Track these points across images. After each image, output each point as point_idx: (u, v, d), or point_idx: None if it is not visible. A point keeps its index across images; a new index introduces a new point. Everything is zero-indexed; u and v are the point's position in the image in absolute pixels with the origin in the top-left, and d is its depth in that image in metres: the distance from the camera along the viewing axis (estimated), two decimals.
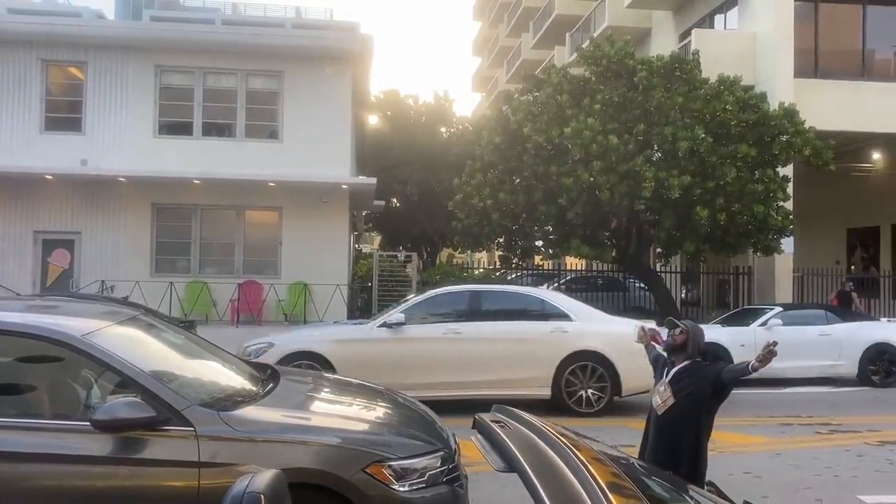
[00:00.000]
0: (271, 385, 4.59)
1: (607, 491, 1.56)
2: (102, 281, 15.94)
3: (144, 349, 4.43)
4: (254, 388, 4.49)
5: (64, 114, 16.96)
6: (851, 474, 7.05)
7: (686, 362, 4.52)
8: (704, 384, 4.41)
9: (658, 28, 23.79)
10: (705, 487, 4.14)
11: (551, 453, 1.83)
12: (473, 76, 61.14)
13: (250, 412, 4.00)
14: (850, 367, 12.79)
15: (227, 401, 4.13)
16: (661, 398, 4.48)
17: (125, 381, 3.90)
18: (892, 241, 21.10)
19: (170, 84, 17.26)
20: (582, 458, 1.73)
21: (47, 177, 16.10)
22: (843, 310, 15.10)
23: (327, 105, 17.11)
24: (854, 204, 21.54)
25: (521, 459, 1.79)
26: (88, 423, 3.64)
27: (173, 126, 17.30)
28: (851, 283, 17.71)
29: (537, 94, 16.37)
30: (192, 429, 3.71)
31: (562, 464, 1.74)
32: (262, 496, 1.80)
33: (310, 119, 17.00)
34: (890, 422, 9.58)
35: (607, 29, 23.54)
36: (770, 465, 7.36)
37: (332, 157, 16.99)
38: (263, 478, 1.88)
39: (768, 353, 4.05)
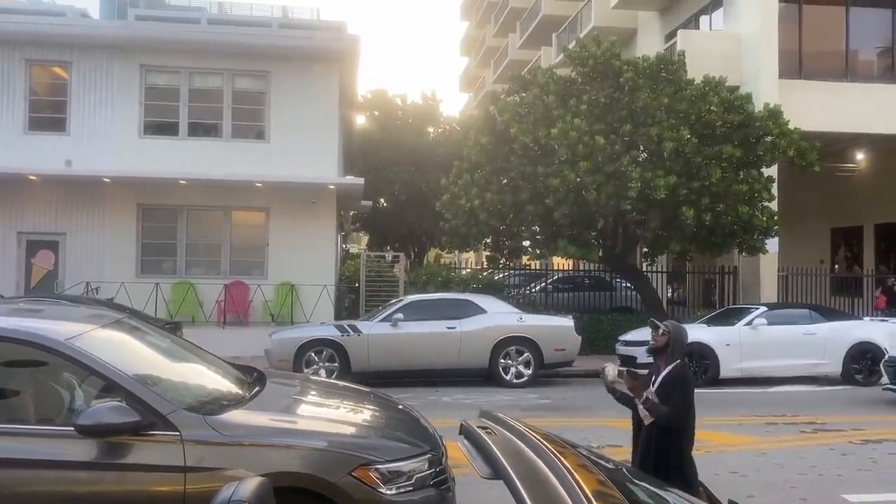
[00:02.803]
0: (257, 388, 4.57)
1: (592, 499, 1.56)
2: (87, 282, 15.82)
3: (129, 353, 4.41)
4: (240, 392, 4.47)
5: (48, 114, 16.80)
6: (836, 473, 7.11)
7: (669, 367, 4.50)
8: (687, 390, 4.41)
9: (644, 29, 23.88)
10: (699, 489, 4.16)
11: (537, 460, 1.83)
12: (461, 76, 61.11)
13: (236, 416, 3.98)
14: (834, 365, 12.90)
15: (212, 405, 4.11)
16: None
17: (109, 386, 3.87)
18: (875, 240, 21.29)
19: (155, 84, 17.14)
20: (567, 464, 1.73)
21: (31, 177, 15.96)
22: (830, 309, 15.23)
23: (314, 105, 17.05)
24: (838, 204, 21.72)
25: (507, 466, 1.79)
26: (72, 429, 3.61)
27: (159, 126, 17.19)
28: (894, 278, 17.89)
29: (524, 94, 16.39)
30: (177, 433, 3.70)
31: (547, 471, 1.74)
32: None
33: (297, 119, 16.94)
34: (873, 420, 9.68)
35: (593, 29, 23.60)
36: (755, 465, 7.41)
37: (319, 158, 16.93)
38: (249, 485, 1.87)
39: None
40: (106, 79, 16.69)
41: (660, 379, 4.50)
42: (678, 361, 4.53)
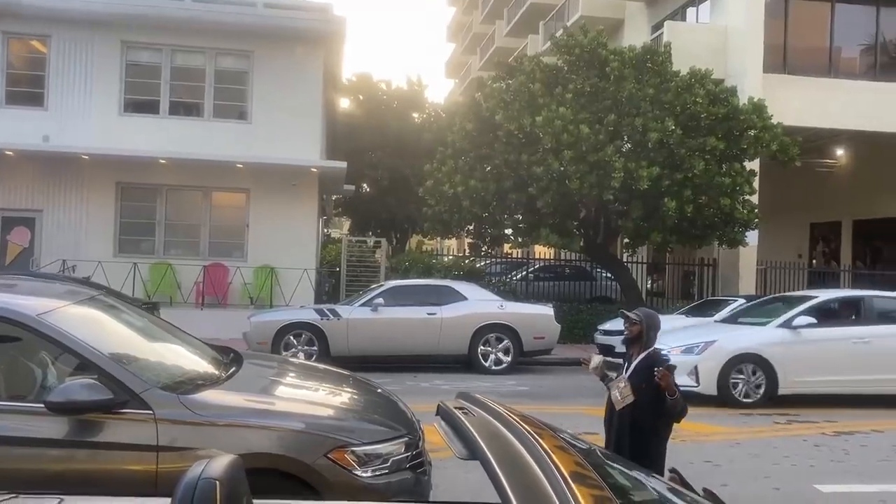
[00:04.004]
0: (234, 369, 4.52)
1: (570, 480, 1.54)
2: (64, 260, 15.60)
3: (103, 330, 4.33)
4: (216, 372, 4.42)
5: (26, 88, 16.50)
6: (808, 464, 7.19)
7: (643, 354, 4.49)
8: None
9: (631, 19, 23.88)
10: (667, 474, 4.16)
11: (514, 441, 1.81)
12: (447, 62, 60.80)
13: (211, 396, 3.93)
14: None
15: (187, 384, 4.06)
16: (621, 395, 4.41)
17: (82, 363, 3.80)
18: (852, 236, 21.53)
19: (137, 61, 16.88)
20: (545, 446, 1.71)
21: (7, 153, 15.67)
22: None
23: (298, 87, 16.88)
24: (817, 199, 21.92)
25: (484, 448, 1.77)
26: (43, 405, 3.55)
27: (139, 104, 16.94)
28: None
29: (510, 81, 16.32)
30: (150, 412, 3.65)
31: (525, 452, 1.72)
32: (217, 482, 1.75)
33: (280, 100, 16.76)
34: (846, 413, 9.80)
35: (581, 18, 23.58)
36: (729, 454, 7.48)
37: (301, 140, 16.79)
38: (219, 463, 1.83)
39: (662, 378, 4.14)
40: (86, 54, 16.40)
41: (633, 366, 4.50)
42: (652, 349, 4.52)
